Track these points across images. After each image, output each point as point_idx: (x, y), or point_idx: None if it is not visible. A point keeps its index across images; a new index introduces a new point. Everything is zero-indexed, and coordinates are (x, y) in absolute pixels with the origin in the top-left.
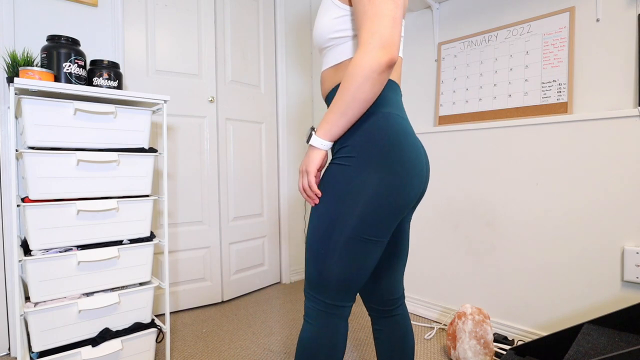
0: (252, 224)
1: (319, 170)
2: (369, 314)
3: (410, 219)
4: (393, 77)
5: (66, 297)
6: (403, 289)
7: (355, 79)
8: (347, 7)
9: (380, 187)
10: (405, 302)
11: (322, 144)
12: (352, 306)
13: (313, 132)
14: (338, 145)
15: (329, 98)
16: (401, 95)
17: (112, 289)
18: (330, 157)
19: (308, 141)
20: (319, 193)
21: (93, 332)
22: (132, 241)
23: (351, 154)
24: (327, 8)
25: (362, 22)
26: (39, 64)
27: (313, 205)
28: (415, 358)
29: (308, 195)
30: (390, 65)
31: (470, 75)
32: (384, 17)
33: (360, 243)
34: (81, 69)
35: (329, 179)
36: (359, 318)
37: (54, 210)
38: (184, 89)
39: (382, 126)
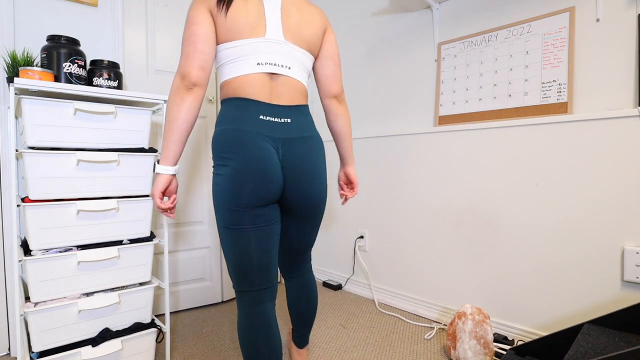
0: None
1: (164, 192)
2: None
3: (298, 223)
4: (248, 93)
5: (66, 297)
6: (298, 266)
7: (167, 106)
8: None
9: (217, 186)
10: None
11: (164, 169)
12: (260, 291)
13: (157, 162)
14: None
15: None
16: (257, 108)
17: (112, 289)
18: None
19: (154, 171)
20: (168, 209)
21: (93, 332)
22: (132, 241)
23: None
24: None
25: None
26: (39, 64)
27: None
28: (415, 358)
29: (164, 211)
30: (188, 87)
31: (470, 75)
32: (182, 55)
33: (225, 231)
34: (81, 69)
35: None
36: (359, 318)
37: (54, 210)
38: None
39: (216, 140)
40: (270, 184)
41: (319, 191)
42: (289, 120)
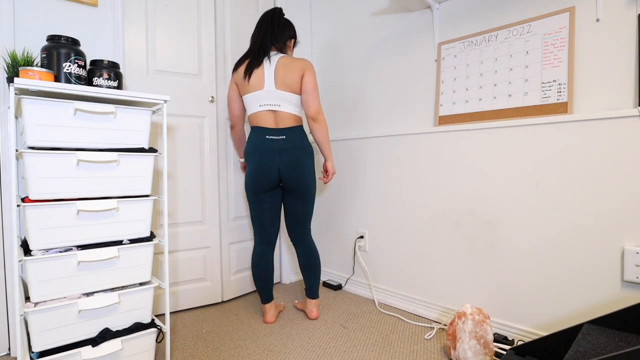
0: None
1: (244, 169)
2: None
3: (294, 200)
4: (259, 123)
5: (66, 297)
6: (299, 233)
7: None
8: None
9: (246, 177)
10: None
11: (241, 159)
12: (266, 238)
13: (240, 159)
14: None
15: None
16: (265, 131)
17: (112, 289)
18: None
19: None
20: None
21: (93, 332)
22: (132, 241)
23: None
24: None
25: None
26: (39, 64)
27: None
28: (415, 358)
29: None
30: (230, 126)
31: (470, 75)
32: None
33: (251, 204)
34: (81, 69)
35: None
36: (359, 318)
37: (54, 210)
38: (184, 89)
39: (245, 150)
40: (269, 176)
41: (304, 178)
42: (284, 137)
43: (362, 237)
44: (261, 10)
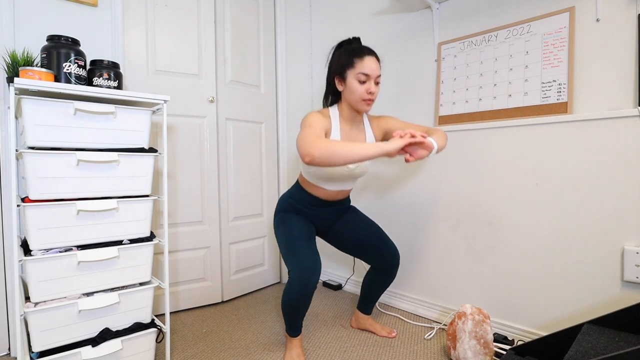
0: (252, 224)
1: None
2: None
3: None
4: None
5: (66, 297)
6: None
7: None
8: None
9: None
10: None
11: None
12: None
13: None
14: None
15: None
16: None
17: (112, 289)
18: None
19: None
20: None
21: (93, 332)
22: (132, 241)
23: None
24: None
25: None
26: (39, 64)
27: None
28: (415, 358)
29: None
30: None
31: (470, 75)
32: None
33: None
34: (81, 69)
35: None
36: None
37: (54, 210)
38: (184, 89)
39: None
40: None
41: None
42: None
43: None
44: (261, 10)
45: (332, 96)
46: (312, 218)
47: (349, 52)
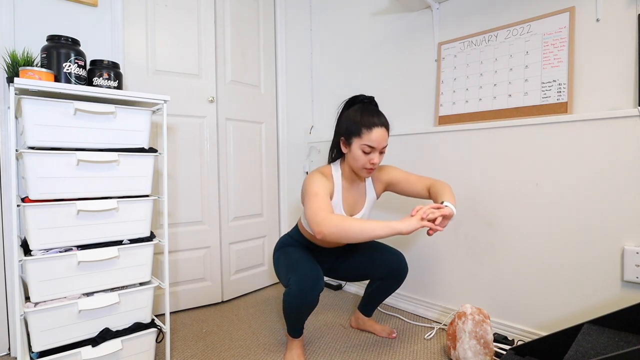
0: (252, 224)
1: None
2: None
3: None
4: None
5: (66, 297)
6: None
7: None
8: None
9: None
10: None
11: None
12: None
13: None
14: None
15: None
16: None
17: (112, 289)
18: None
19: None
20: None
21: (93, 332)
22: (132, 241)
23: None
24: None
25: None
26: (39, 64)
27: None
28: (415, 358)
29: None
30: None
31: (470, 75)
32: None
33: None
34: (81, 69)
35: None
36: None
37: (54, 210)
38: (184, 89)
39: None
40: None
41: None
42: None
43: None
44: (261, 10)
45: (337, 152)
46: (314, 255)
47: (359, 120)
